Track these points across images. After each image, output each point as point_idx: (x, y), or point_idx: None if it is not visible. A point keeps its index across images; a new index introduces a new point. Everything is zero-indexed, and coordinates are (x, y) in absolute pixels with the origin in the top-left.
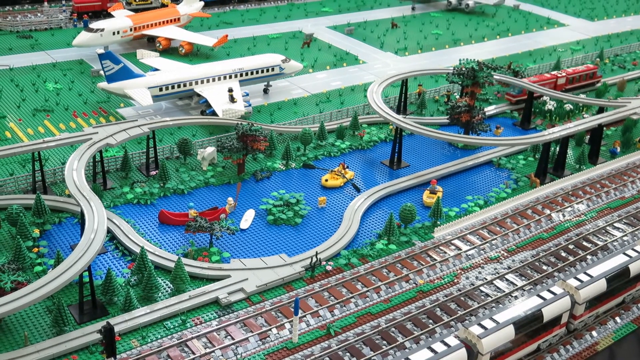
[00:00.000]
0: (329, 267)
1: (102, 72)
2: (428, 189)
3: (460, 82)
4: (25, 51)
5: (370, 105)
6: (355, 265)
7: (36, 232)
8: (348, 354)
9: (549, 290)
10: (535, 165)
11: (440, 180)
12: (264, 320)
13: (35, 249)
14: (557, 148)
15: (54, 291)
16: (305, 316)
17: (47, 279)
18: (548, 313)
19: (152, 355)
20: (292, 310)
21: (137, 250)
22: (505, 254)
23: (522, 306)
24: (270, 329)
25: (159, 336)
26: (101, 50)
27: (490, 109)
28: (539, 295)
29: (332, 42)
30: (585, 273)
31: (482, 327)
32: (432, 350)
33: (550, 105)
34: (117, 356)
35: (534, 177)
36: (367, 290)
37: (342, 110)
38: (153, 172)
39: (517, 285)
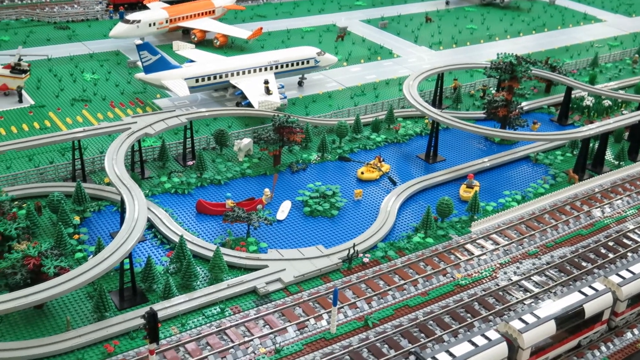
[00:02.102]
0: (366, 259)
1: (139, 63)
2: (465, 183)
3: (498, 77)
4: (63, 42)
5: (405, 99)
6: (392, 258)
7: (77, 219)
8: (386, 345)
9: (590, 287)
10: (573, 161)
11: (476, 174)
12: (302, 311)
13: (76, 236)
14: (596, 144)
15: (97, 277)
16: (343, 307)
17: (90, 265)
18: (590, 309)
19: (191, 342)
20: (330, 301)
21: (176, 239)
22: (544, 250)
23: (563, 302)
24: (308, 319)
25: (198, 324)
26: (139, 41)
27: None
28: (580, 291)
29: (366, 36)
30: (628, 270)
31: (523, 321)
32: (473, 344)
33: (589, 101)
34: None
35: (573, 173)
36: (405, 283)
37: (377, 104)
38: (190, 162)
39: (556, 281)
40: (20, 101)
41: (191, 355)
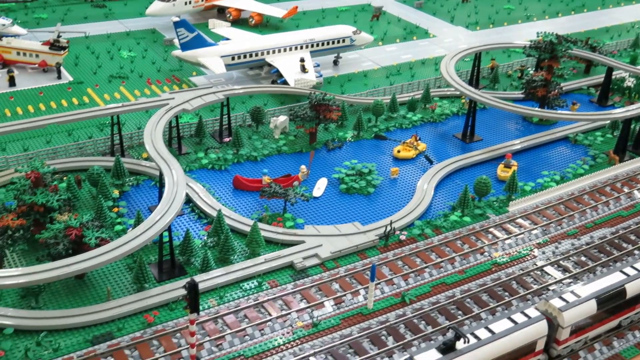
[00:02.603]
0: (402, 237)
1: (175, 41)
2: (503, 162)
3: (537, 56)
4: (100, 20)
5: (443, 78)
6: (429, 235)
7: (116, 193)
8: (423, 322)
9: (632, 267)
10: (613, 142)
11: (514, 155)
12: (339, 286)
13: (115, 209)
14: (638, 125)
15: (137, 248)
16: (379, 283)
17: (130, 237)
18: (632, 289)
19: (230, 314)
20: (367, 277)
21: (214, 213)
22: (583, 230)
23: (604, 281)
24: (344, 295)
25: (236, 297)
26: (177, 18)
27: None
28: (621, 271)
29: (401, 16)
30: None
31: (564, 300)
32: (512, 321)
33: (630, 82)
34: None
35: (613, 154)
36: (442, 261)
37: (413, 83)
38: (226, 139)
39: (596, 262)
40: (59, 77)
41: (229, 327)
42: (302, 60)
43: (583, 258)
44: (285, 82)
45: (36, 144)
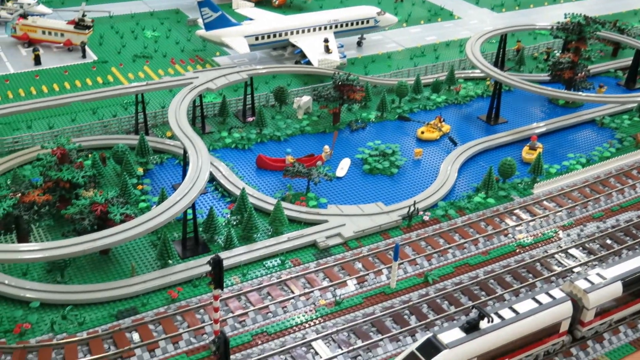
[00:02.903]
0: (426, 218)
1: (199, 21)
2: (528, 144)
3: (564, 37)
4: (124, 0)
5: (468, 59)
6: (452, 216)
7: (140, 170)
8: (446, 302)
9: None
10: None
11: (540, 137)
12: (362, 265)
13: (140, 186)
14: None
15: (162, 225)
16: (402, 263)
17: (155, 213)
18: None
19: (253, 291)
20: (389, 256)
21: (237, 192)
22: (609, 214)
23: (631, 264)
24: (367, 274)
25: (259, 274)
26: None
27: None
28: None
29: None
30: None
31: (589, 281)
32: (537, 301)
33: None
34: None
35: None
36: (465, 242)
37: (437, 65)
38: (250, 119)
39: (621, 245)
40: (84, 57)
41: (253, 304)
42: (326, 40)
43: (609, 241)
44: (308, 63)
45: (61, 121)
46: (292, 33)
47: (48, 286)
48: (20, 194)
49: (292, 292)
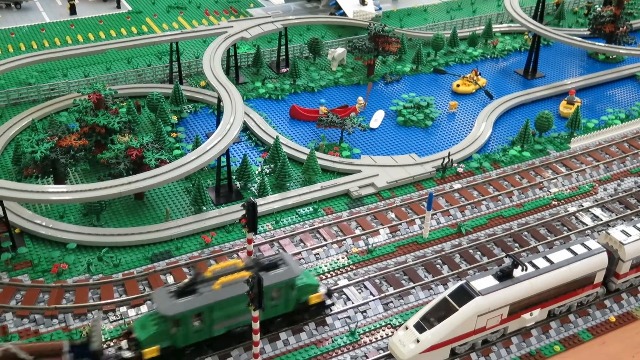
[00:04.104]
0: (460, 169)
1: None
2: (566, 99)
3: None
4: None
5: (506, 12)
6: (487, 169)
7: (174, 118)
8: (479, 252)
9: None
10: None
11: (578, 91)
12: (394, 215)
13: (174, 134)
14: None
15: (196, 170)
16: (435, 214)
17: (189, 158)
18: None
19: (285, 238)
20: (422, 207)
21: (270, 141)
22: None
23: None
24: (400, 224)
25: (292, 222)
26: None
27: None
28: None
29: None
30: None
31: (626, 234)
32: (572, 252)
33: None
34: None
35: None
36: (499, 194)
37: (474, 19)
38: (284, 70)
39: None
40: (119, 7)
41: (285, 250)
42: None
43: None
44: (343, 14)
45: (96, 70)
46: None
47: (84, 228)
48: (57, 138)
49: (325, 240)
